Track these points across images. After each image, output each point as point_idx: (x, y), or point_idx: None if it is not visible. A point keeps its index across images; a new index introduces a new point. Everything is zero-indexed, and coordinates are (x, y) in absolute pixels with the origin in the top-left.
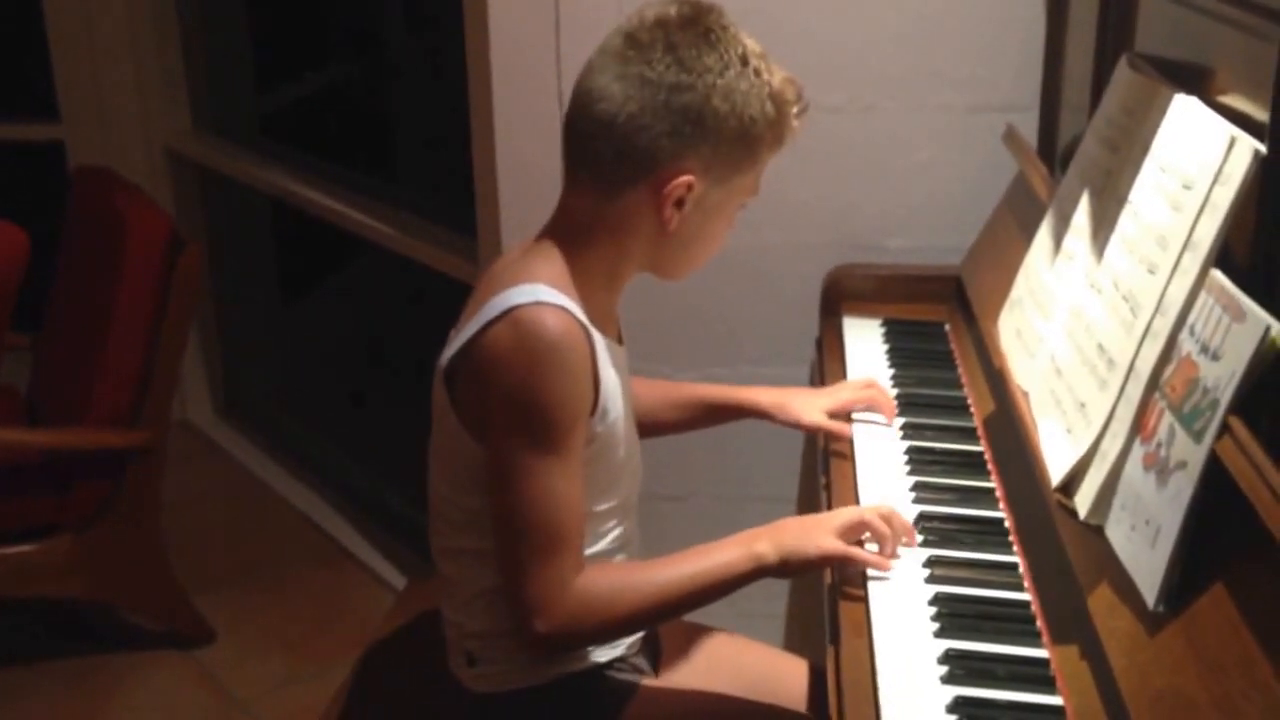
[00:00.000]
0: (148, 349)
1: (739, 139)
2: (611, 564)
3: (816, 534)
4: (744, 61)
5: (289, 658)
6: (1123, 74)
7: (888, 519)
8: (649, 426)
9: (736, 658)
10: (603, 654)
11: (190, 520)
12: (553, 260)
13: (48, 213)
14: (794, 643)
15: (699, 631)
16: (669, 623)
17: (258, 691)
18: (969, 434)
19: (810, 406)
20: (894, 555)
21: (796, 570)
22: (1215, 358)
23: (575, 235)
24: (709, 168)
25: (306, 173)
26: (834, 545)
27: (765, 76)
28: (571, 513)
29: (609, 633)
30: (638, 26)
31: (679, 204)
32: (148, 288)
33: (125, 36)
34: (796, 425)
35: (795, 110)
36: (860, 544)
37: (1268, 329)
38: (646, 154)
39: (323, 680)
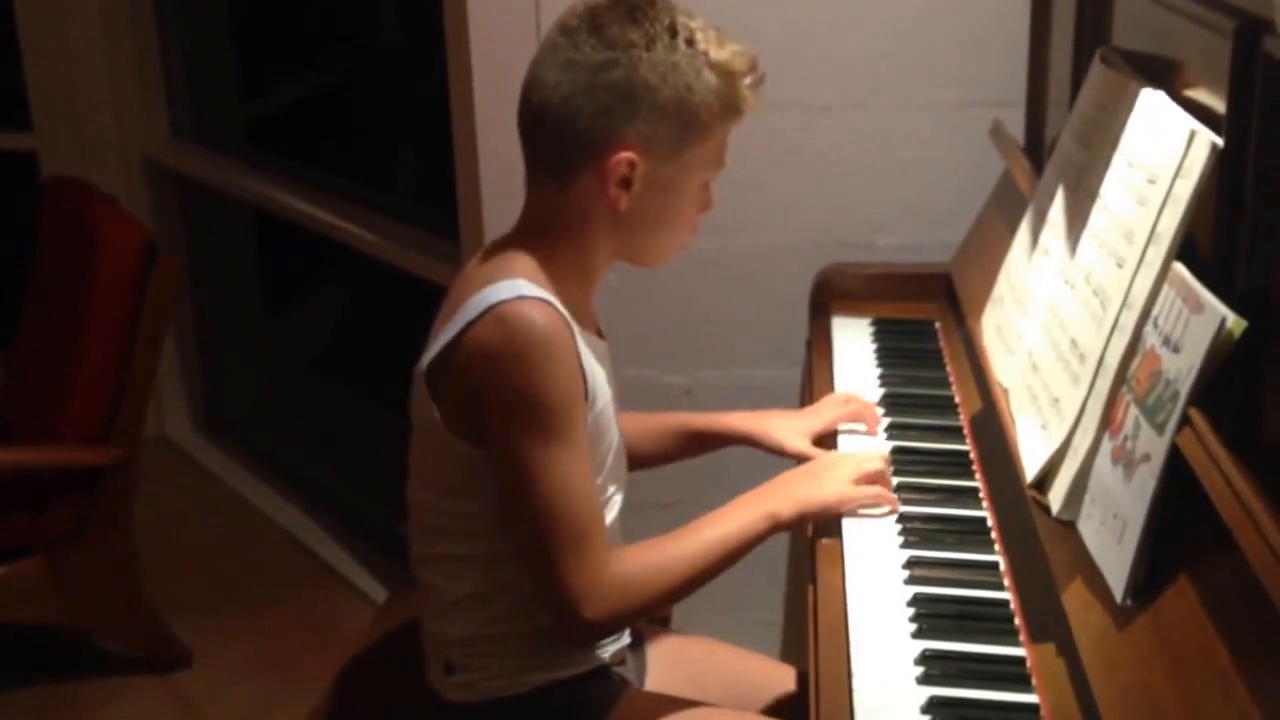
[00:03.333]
0: (121, 364)
1: (676, 111)
2: (636, 545)
3: (830, 481)
4: (672, 33)
5: (269, 681)
6: (1096, 69)
7: (889, 463)
8: (631, 460)
9: (723, 666)
10: (584, 663)
11: (168, 539)
12: (526, 258)
13: (19, 225)
14: (792, 651)
15: (687, 641)
16: (656, 633)
17: (236, 717)
18: (955, 433)
19: (792, 431)
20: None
21: (812, 519)
22: (1176, 350)
23: (540, 232)
24: (648, 142)
25: (287, 180)
26: (852, 491)
27: (701, 47)
28: (592, 499)
29: (647, 610)
30: (569, 15)
31: (627, 184)
32: (121, 301)
33: (100, 42)
34: (780, 451)
35: (748, 81)
36: None
37: (1224, 320)
38: (584, 136)
39: (304, 703)
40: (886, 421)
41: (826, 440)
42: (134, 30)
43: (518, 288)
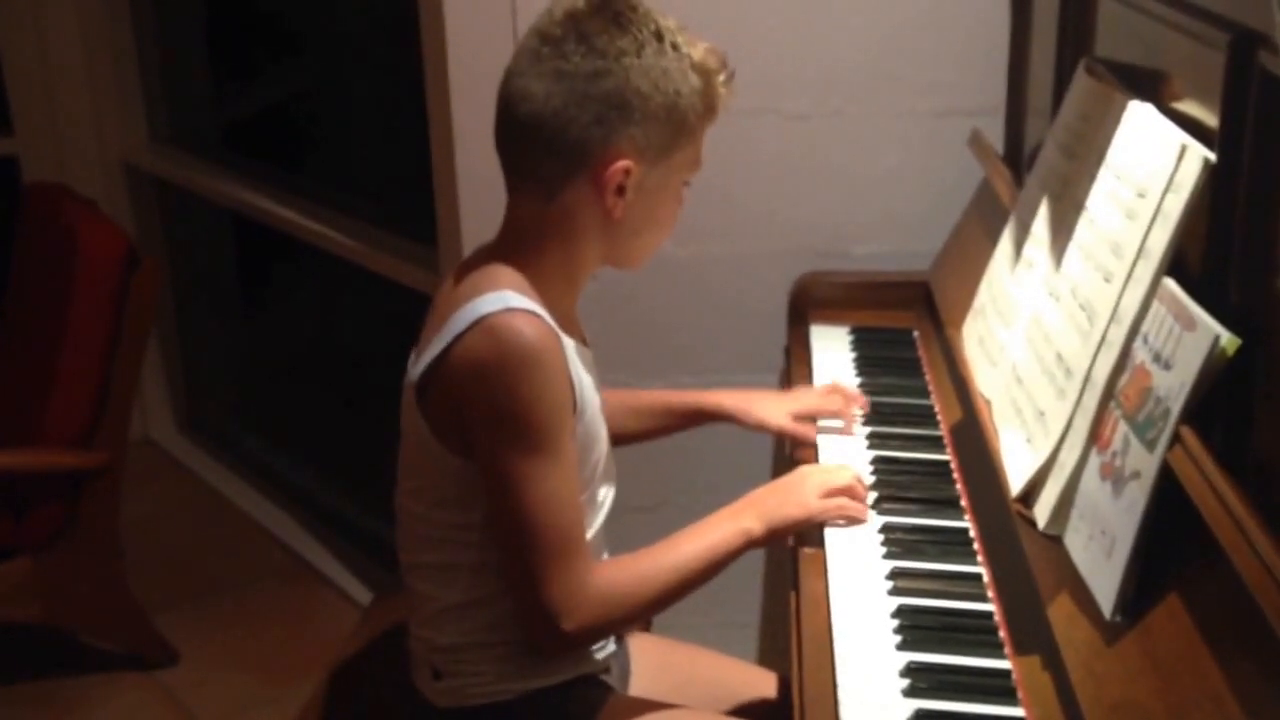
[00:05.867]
0: (104, 368)
1: (668, 116)
2: (614, 559)
3: (797, 496)
4: (659, 38)
5: (254, 678)
6: (1080, 80)
7: (860, 479)
8: (613, 436)
9: (707, 672)
10: (571, 670)
11: (153, 538)
12: (511, 270)
13: (0, 230)
14: (768, 654)
15: (669, 647)
16: (639, 639)
17: (222, 713)
18: (935, 443)
19: (775, 409)
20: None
21: (782, 535)
22: (1167, 367)
23: (526, 242)
24: (643, 149)
25: (266, 184)
26: (818, 505)
27: (684, 50)
28: (577, 511)
29: (625, 624)
30: (548, 23)
31: (620, 191)
32: (102, 305)
33: (79, 49)
34: (762, 427)
35: (721, 79)
36: None
37: (1217, 338)
38: (578, 146)
39: (289, 700)
40: (866, 430)
41: (806, 423)
42: (112, 38)
43: (505, 300)
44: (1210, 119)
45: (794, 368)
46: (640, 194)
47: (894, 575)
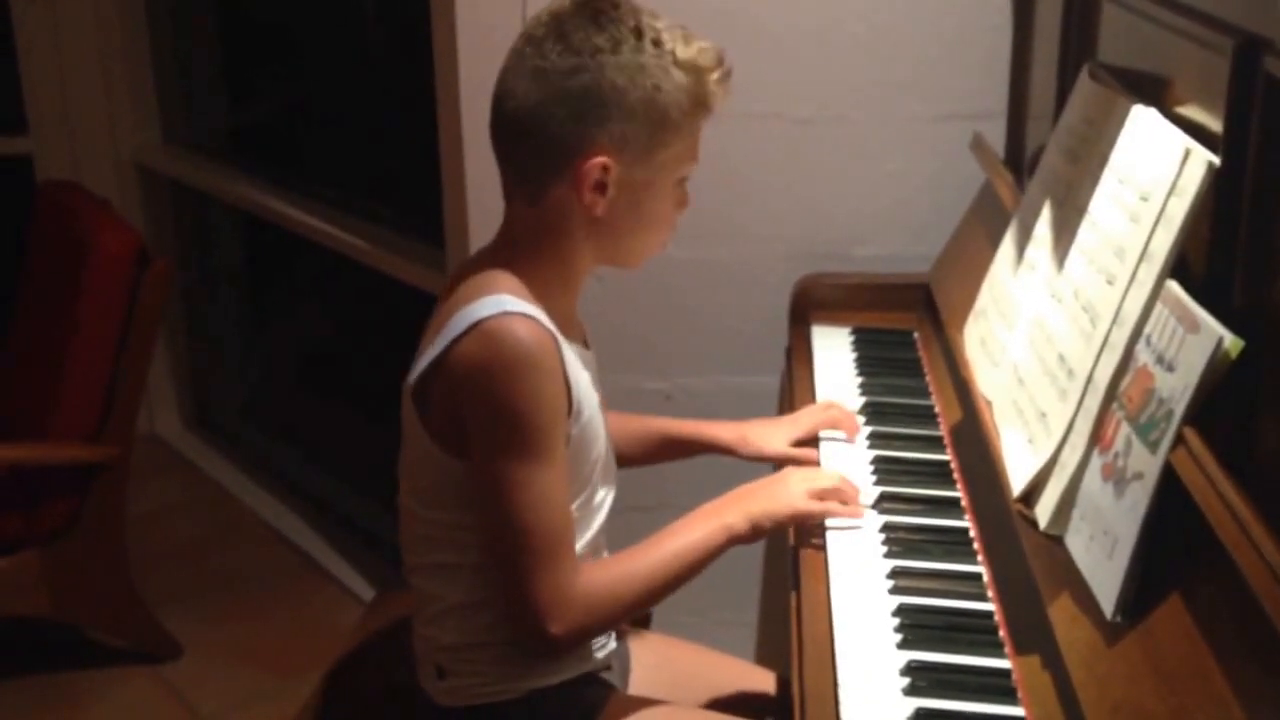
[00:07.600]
0: (113, 364)
1: (647, 112)
2: (599, 561)
3: (785, 494)
4: (638, 35)
5: (257, 673)
6: (1083, 84)
7: (847, 481)
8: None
9: (705, 670)
10: (573, 668)
11: (158, 534)
12: (507, 273)
13: (14, 227)
14: (765, 652)
15: (669, 645)
16: (639, 637)
17: (225, 707)
18: (936, 443)
19: (774, 437)
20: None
21: (767, 533)
22: (1170, 369)
23: (521, 244)
24: (622, 146)
25: (276, 186)
26: (806, 503)
27: (667, 46)
28: (565, 515)
29: (611, 624)
30: (534, 23)
31: (601, 188)
32: (113, 303)
33: (94, 49)
34: (761, 457)
35: (715, 76)
36: None
37: (1220, 340)
38: (557, 144)
39: (291, 695)
40: (868, 430)
41: (808, 445)
42: (127, 38)
43: (502, 303)
44: (1213, 124)
45: (795, 368)
46: (625, 191)
47: (894, 574)
